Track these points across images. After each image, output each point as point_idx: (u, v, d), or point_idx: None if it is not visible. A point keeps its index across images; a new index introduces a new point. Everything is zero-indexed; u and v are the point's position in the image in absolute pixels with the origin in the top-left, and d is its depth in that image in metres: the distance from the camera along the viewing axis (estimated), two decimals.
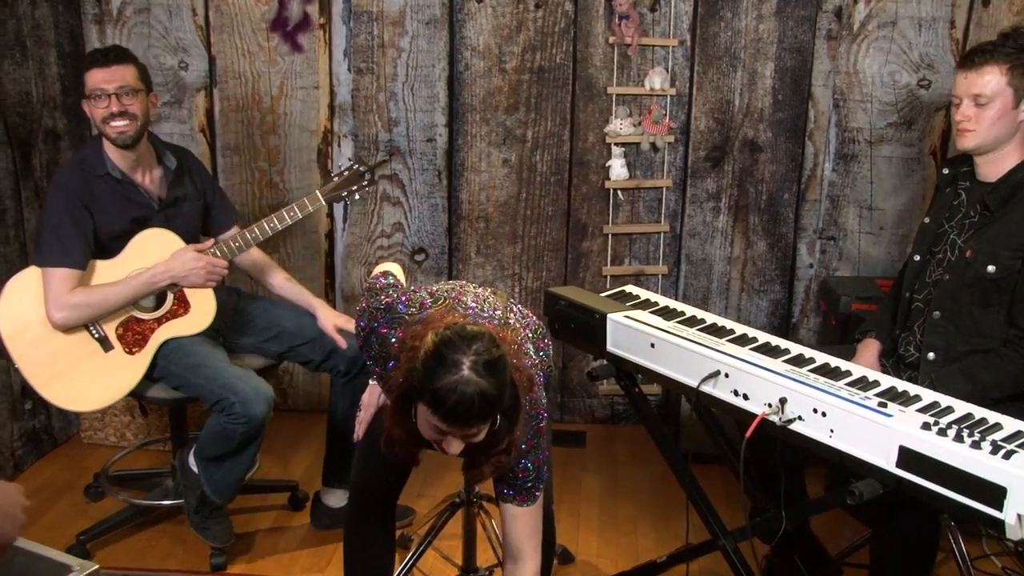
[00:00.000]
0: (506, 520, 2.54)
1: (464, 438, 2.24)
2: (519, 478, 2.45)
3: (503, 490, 2.48)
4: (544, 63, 4.27)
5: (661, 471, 3.86)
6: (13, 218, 3.99)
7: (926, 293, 3.04)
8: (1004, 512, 2.11)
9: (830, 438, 2.41)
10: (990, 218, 2.89)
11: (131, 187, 3.41)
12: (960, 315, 2.92)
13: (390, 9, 4.25)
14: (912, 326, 3.07)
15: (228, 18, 4.31)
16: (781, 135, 4.28)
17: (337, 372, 3.57)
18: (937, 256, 3.03)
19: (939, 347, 2.94)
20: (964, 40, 4.03)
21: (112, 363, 3.36)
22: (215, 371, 3.29)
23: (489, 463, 2.39)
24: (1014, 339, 2.84)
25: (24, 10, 4.00)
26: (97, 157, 3.38)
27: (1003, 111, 2.82)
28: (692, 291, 4.48)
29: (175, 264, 3.36)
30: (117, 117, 3.29)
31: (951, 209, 3.04)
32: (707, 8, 4.18)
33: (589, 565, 3.54)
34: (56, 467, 4.18)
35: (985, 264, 2.84)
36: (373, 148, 4.40)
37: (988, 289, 2.86)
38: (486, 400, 2.14)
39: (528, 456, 2.44)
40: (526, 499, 2.48)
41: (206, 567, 3.47)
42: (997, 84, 2.82)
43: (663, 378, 2.80)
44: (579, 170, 4.38)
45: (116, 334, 3.39)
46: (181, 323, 3.44)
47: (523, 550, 2.54)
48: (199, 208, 3.58)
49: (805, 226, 4.38)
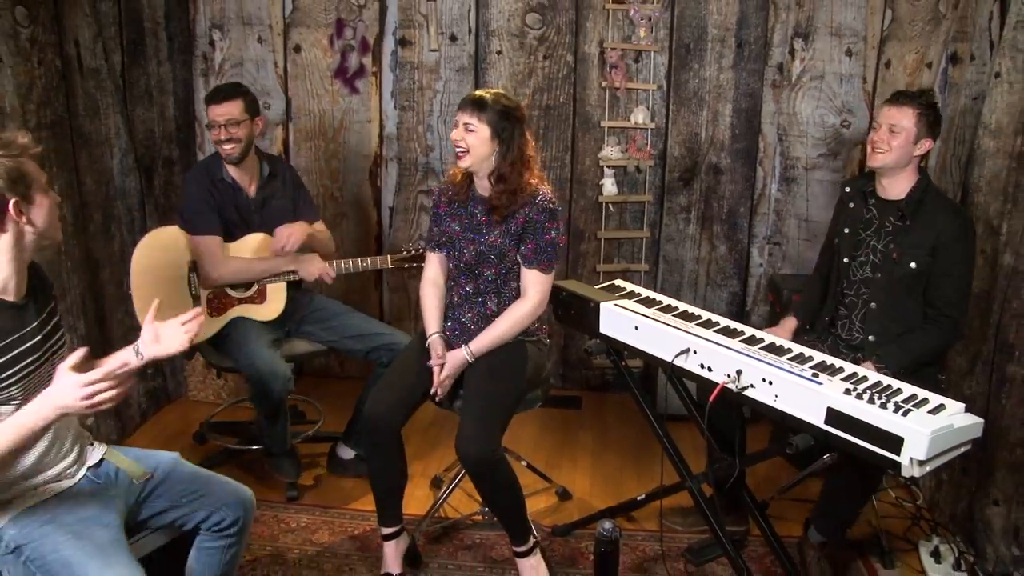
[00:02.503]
0: (525, 278, 2.96)
1: (464, 126, 2.83)
2: (537, 245, 2.90)
3: (526, 254, 2.92)
4: (550, 102, 4.31)
5: (642, 428, 3.91)
6: (139, 224, 4.08)
7: (856, 288, 3.10)
8: (901, 456, 2.21)
9: (775, 401, 2.47)
10: (904, 226, 2.97)
11: (238, 191, 3.49)
12: (893, 304, 3.00)
13: (428, 60, 4.30)
14: (851, 315, 3.12)
15: (301, 69, 4.37)
16: (738, 161, 4.32)
17: (380, 363, 3.48)
18: (859, 259, 3.09)
19: (878, 331, 3.02)
20: (873, 92, 4.08)
21: None
22: (249, 351, 3.31)
23: (496, 190, 2.88)
24: (932, 316, 2.95)
25: (152, 68, 4.10)
26: (216, 165, 3.48)
27: (906, 143, 2.92)
28: (668, 285, 4.49)
29: (303, 262, 3.50)
30: (225, 142, 3.38)
31: (864, 222, 3.10)
32: (679, 61, 4.22)
33: (584, 502, 3.57)
34: (171, 418, 4.24)
35: (909, 262, 2.93)
36: (413, 168, 4.43)
37: (912, 282, 2.95)
38: (484, 96, 2.84)
39: (550, 233, 2.91)
40: (545, 267, 2.94)
41: (283, 499, 3.52)
42: (908, 121, 2.92)
43: (644, 354, 2.82)
44: (578, 187, 4.40)
45: (207, 297, 3.45)
46: (253, 308, 3.49)
47: (527, 293, 2.97)
48: (288, 205, 3.60)
49: (756, 234, 4.41)
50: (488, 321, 2.99)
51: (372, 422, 2.89)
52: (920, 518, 3.41)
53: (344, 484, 3.66)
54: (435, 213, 3.08)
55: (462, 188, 2.98)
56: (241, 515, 2.40)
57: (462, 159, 2.88)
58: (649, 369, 4.30)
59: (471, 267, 2.97)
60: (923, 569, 3.13)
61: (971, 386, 3.24)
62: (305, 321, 3.61)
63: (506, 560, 3.16)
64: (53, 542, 2.08)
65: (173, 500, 2.36)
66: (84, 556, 2.06)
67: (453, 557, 3.19)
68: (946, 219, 2.92)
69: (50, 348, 2.24)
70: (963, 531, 3.24)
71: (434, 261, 3.11)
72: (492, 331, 2.95)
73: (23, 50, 3.22)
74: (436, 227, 3.07)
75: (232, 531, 2.39)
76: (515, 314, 2.96)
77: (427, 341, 3.02)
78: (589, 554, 3.14)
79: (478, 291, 3.01)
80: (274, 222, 3.53)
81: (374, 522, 3.31)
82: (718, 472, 2.88)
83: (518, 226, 2.91)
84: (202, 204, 3.42)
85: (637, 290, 3.14)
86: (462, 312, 3.04)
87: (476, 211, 2.96)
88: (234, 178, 3.48)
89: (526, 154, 2.90)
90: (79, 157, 3.60)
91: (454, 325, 3.05)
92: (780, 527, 3.06)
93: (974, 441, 2.35)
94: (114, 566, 2.04)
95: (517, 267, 2.98)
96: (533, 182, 2.91)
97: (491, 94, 2.87)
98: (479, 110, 2.82)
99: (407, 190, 4.48)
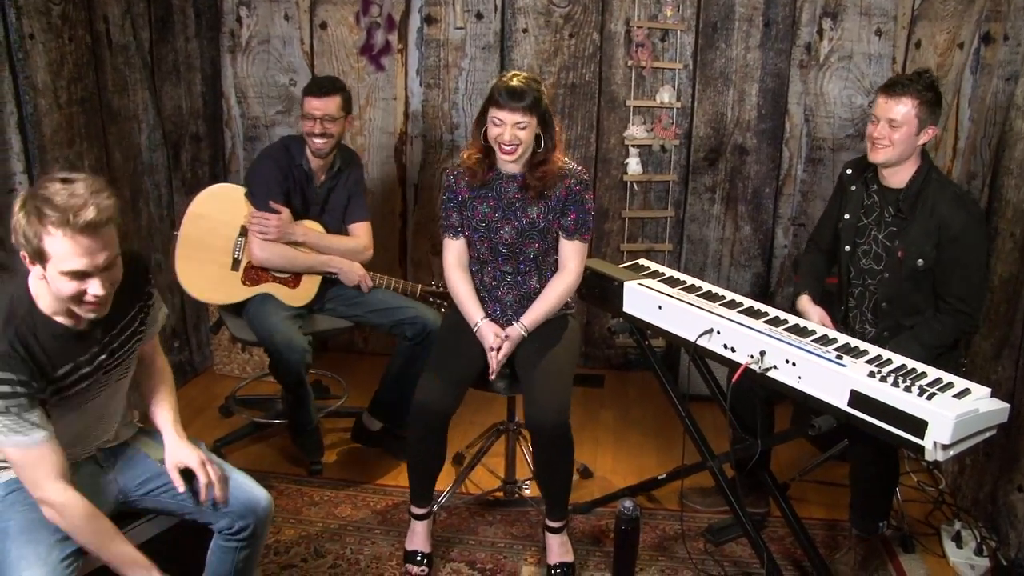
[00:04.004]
0: (565, 250, 2.97)
1: (514, 126, 2.76)
2: (578, 216, 2.92)
3: (568, 226, 2.93)
4: (576, 80, 4.29)
5: (663, 408, 3.90)
6: (166, 200, 4.10)
7: (863, 278, 3.02)
8: (925, 440, 2.20)
9: (798, 383, 2.46)
10: (904, 220, 2.88)
11: (310, 179, 3.49)
12: (903, 302, 2.93)
13: (453, 38, 4.28)
14: (861, 307, 3.06)
15: (327, 46, 4.37)
16: (764, 142, 4.28)
17: (404, 336, 3.48)
18: (862, 247, 3.02)
19: (892, 327, 2.95)
20: (903, 72, 3.97)
21: (229, 279, 3.44)
22: (270, 324, 3.32)
23: (536, 174, 2.86)
24: (943, 308, 2.87)
25: (180, 45, 4.11)
26: (298, 149, 3.47)
27: (908, 135, 2.81)
28: (692, 265, 4.48)
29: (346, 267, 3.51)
30: (318, 136, 3.37)
31: (865, 208, 3.02)
32: (706, 40, 4.18)
33: (605, 479, 3.57)
34: (196, 391, 4.28)
35: (915, 259, 2.85)
36: (438, 146, 4.42)
37: (920, 277, 2.87)
38: (526, 88, 2.75)
39: (588, 203, 2.94)
40: (585, 238, 2.97)
41: (306, 472, 3.55)
42: (909, 113, 2.80)
43: (668, 334, 2.81)
44: (603, 166, 4.38)
45: (245, 264, 3.46)
46: (284, 290, 3.49)
47: (567, 266, 2.98)
48: (343, 200, 3.58)
49: (781, 214, 4.37)
50: (530, 299, 2.99)
51: (424, 413, 2.85)
52: (942, 502, 3.39)
53: (367, 459, 3.68)
54: (452, 200, 2.98)
55: (481, 170, 2.92)
56: (252, 523, 2.30)
57: (511, 154, 2.82)
58: (671, 349, 4.28)
59: (511, 246, 2.94)
60: (944, 554, 3.12)
61: (996, 371, 3.21)
62: (330, 300, 3.61)
63: (526, 536, 3.19)
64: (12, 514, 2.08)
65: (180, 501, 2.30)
66: (20, 545, 2.03)
67: (475, 533, 3.21)
68: (950, 210, 2.81)
69: (107, 367, 2.21)
70: (985, 516, 3.22)
71: (453, 247, 3.02)
72: (541, 305, 2.96)
73: (54, 27, 3.24)
74: (456, 214, 2.98)
75: (241, 536, 2.31)
76: (560, 287, 2.97)
77: (475, 328, 2.97)
78: (610, 532, 3.15)
79: (518, 271, 2.99)
80: (330, 215, 3.55)
81: (396, 497, 3.34)
82: (740, 453, 2.87)
83: (560, 199, 2.90)
84: (273, 183, 3.40)
85: (661, 270, 3.12)
86: (501, 293, 3.02)
87: (506, 190, 2.93)
88: (311, 167, 3.49)
89: (558, 131, 2.89)
90: (108, 133, 3.62)
91: (493, 306, 3.03)
92: (801, 509, 3.05)
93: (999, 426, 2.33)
94: (34, 567, 1.99)
95: (556, 241, 2.97)
96: (558, 154, 2.91)
97: (524, 83, 2.77)
98: (527, 105, 2.74)
99: (432, 167, 4.47)
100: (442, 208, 3.02)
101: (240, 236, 3.46)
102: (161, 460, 2.31)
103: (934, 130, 2.85)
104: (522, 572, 3.01)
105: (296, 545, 3.08)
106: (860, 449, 2.82)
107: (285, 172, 3.43)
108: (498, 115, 2.77)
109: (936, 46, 3.95)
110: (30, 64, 3.12)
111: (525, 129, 2.78)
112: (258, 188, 3.41)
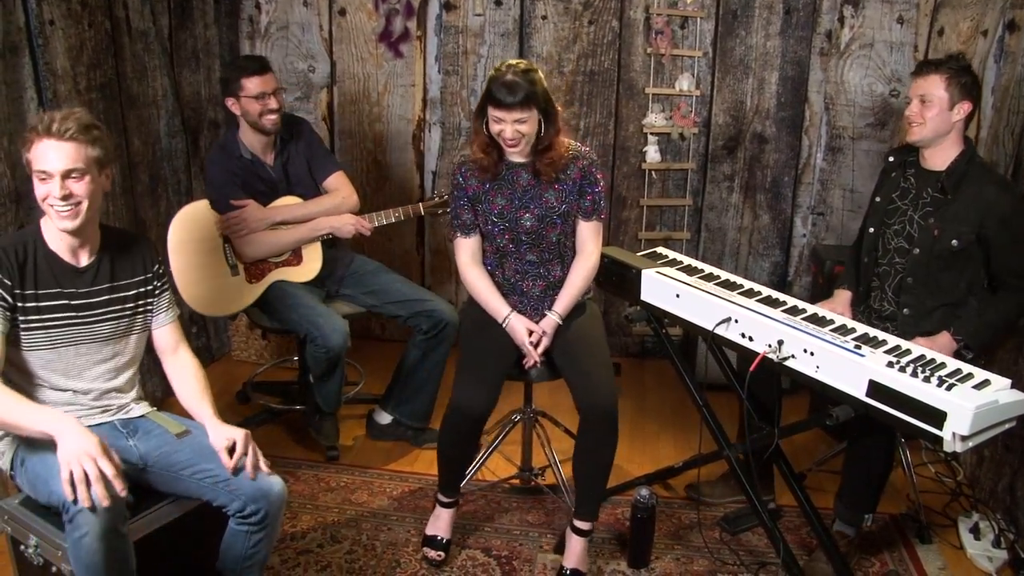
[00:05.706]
0: (583, 231, 2.97)
1: (515, 122, 2.72)
2: (594, 197, 2.92)
3: (587, 207, 2.93)
4: (595, 68, 4.27)
5: (680, 396, 3.91)
6: (185, 186, 4.12)
7: (889, 257, 3.03)
8: (944, 431, 2.18)
9: (816, 372, 2.44)
10: (945, 200, 2.88)
11: (259, 165, 3.48)
12: (929, 280, 2.92)
13: (472, 24, 4.27)
14: (883, 285, 3.06)
15: (346, 32, 4.36)
16: (783, 130, 4.26)
17: (420, 329, 3.49)
18: (894, 227, 3.02)
19: (912, 304, 2.95)
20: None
21: (234, 285, 3.45)
22: (306, 310, 3.33)
23: (543, 160, 2.84)
24: (1003, 287, 2.88)
25: (199, 31, 4.11)
26: (232, 144, 3.47)
27: (940, 111, 2.83)
28: (710, 253, 4.47)
29: (335, 222, 3.50)
30: (272, 113, 3.38)
31: (901, 191, 3.02)
32: (726, 27, 4.16)
33: (621, 468, 3.51)
34: (214, 376, 4.13)
35: (950, 239, 2.84)
36: (456, 133, 4.42)
37: (951, 258, 2.87)
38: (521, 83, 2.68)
39: (600, 183, 2.93)
40: (601, 218, 2.97)
41: (323, 458, 3.56)
42: (938, 89, 2.83)
43: (685, 322, 2.81)
44: (621, 154, 4.37)
45: (243, 265, 3.47)
46: (292, 271, 3.51)
47: (586, 248, 2.99)
48: (304, 167, 3.57)
49: (800, 204, 4.35)
50: (556, 288, 2.98)
51: (462, 417, 2.82)
52: (960, 494, 3.37)
53: (383, 445, 3.69)
54: (463, 197, 2.94)
55: (491, 162, 2.88)
56: (264, 507, 2.32)
57: (514, 147, 2.80)
58: (689, 337, 4.27)
59: (533, 233, 2.92)
60: (961, 545, 3.10)
61: (1017, 362, 3.18)
62: (346, 283, 3.62)
63: (543, 523, 3.19)
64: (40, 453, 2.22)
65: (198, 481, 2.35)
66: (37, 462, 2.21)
67: (491, 520, 3.21)
68: (997, 193, 2.81)
69: (96, 316, 2.35)
70: (1004, 508, 3.20)
71: (467, 245, 2.97)
72: (569, 291, 2.96)
73: (74, 13, 3.25)
74: (467, 212, 2.94)
75: (253, 520, 2.33)
76: (583, 270, 2.97)
77: (504, 323, 2.94)
78: (626, 520, 3.15)
79: (542, 260, 2.97)
80: (299, 186, 3.55)
81: (412, 483, 3.35)
82: (756, 442, 2.86)
83: (576, 181, 2.89)
84: (225, 184, 3.42)
85: (679, 258, 3.11)
86: (526, 286, 3.00)
87: (518, 179, 2.91)
88: (253, 153, 3.48)
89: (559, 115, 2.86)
90: (127, 119, 3.63)
91: (519, 300, 3.01)
92: (817, 499, 3.04)
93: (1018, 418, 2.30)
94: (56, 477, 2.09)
95: (574, 225, 2.97)
96: (561, 137, 2.89)
97: (519, 76, 2.70)
98: (524, 102, 2.70)
99: (450, 154, 4.46)
100: (451, 207, 2.99)
101: (225, 243, 3.47)
102: (178, 435, 2.41)
103: (969, 105, 2.85)
104: (537, 559, 3.01)
105: (312, 531, 3.10)
106: (862, 440, 2.82)
107: (232, 170, 3.43)
108: (497, 114, 2.75)
109: (959, 34, 3.91)
110: (50, 50, 3.13)
111: (526, 123, 2.75)
112: (215, 194, 3.44)
